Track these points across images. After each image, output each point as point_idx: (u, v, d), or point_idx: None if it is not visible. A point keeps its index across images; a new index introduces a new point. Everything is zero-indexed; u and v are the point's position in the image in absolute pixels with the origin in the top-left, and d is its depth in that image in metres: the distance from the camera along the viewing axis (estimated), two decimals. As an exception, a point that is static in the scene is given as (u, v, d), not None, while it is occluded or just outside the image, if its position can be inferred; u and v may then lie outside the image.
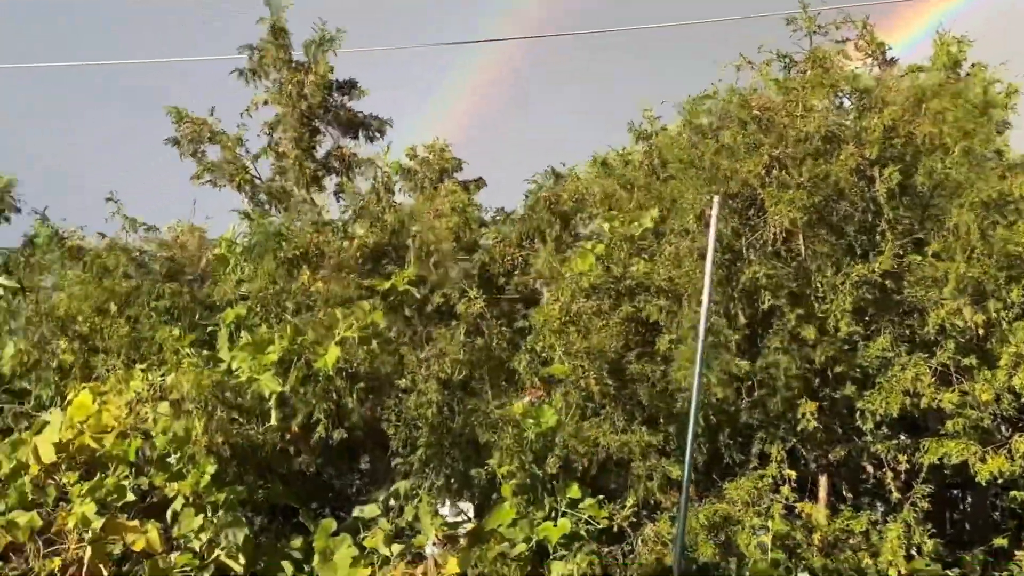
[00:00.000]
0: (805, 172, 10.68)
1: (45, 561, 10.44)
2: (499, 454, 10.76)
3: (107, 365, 12.14)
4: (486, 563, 10.50)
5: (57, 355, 12.48)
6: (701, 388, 9.83)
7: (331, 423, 11.25)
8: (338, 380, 11.17)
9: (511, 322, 12.49)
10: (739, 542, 10.35)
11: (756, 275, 10.57)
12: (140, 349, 12.21)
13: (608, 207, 12.77)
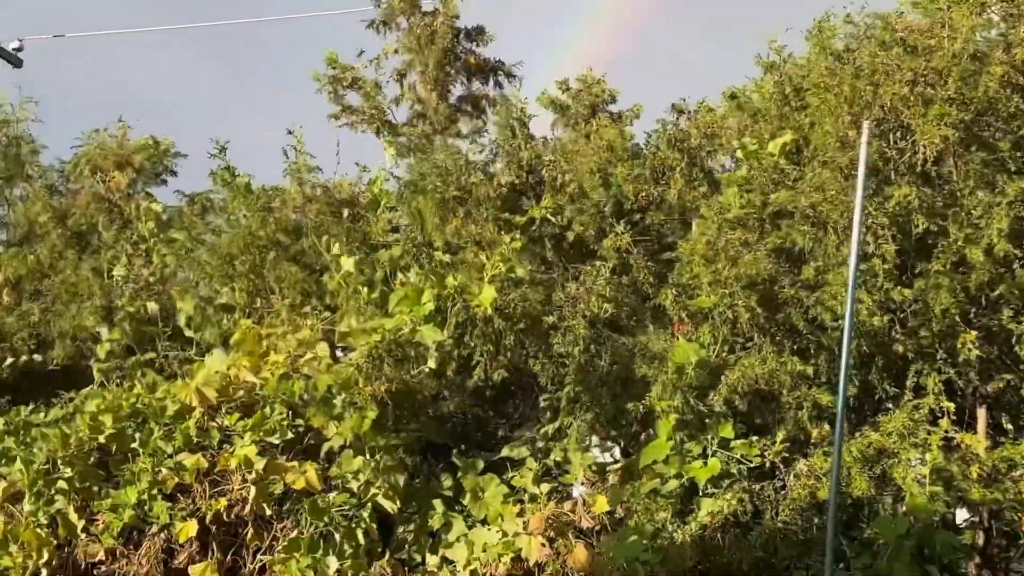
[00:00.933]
0: (951, 86, 10.43)
1: (211, 501, 10.81)
2: (659, 388, 10.74)
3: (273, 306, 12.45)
4: (638, 499, 10.63)
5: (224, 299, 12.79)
6: (854, 316, 9.73)
7: (489, 364, 11.39)
8: (497, 320, 11.25)
9: (653, 257, 12.41)
10: (895, 475, 10.25)
11: (907, 198, 10.38)
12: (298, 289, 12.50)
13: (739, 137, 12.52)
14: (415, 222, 12.91)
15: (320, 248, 12.87)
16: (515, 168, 12.73)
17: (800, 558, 10.28)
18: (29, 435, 11.64)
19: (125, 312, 13.23)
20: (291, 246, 13.15)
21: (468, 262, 11.92)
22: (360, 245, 13.00)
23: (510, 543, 10.66)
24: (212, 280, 13.30)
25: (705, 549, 10.31)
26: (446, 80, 14.38)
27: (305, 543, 10.71)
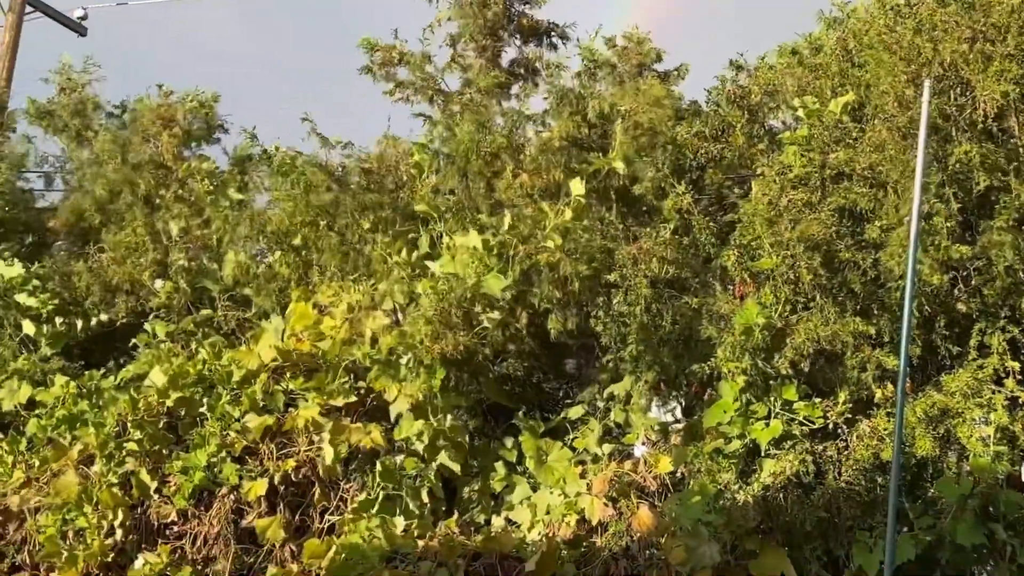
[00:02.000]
0: (1011, 41, 10.42)
1: (279, 462, 11.08)
2: (726, 349, 10.83)
3: (321, 277, 12.60)
4: (702, 460, 10.74)
5: (274, 267, 12.96)
6: (916, 275, 9.78)
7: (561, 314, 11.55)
8: (565, 263, 11.31)
9: (714, 217, 12.45)
10: (959, 434, 10.30)
11: (968, 155, 10.39)
12: (350, 261, 12.57)
13: (801, 95, 12.39)
14: (460, 183, 12.97)
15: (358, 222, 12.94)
16: (578, 120, 12.74)
17: (863, 518, 10.31)
18: (101, 399, 11.90)
19: (179, 266, 13.55)
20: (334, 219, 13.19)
21: (525, 215, 11.99)
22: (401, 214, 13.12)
23: (573, 504, 10.80)
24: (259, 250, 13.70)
25: (768, 510, 10.36)
26: (498, 45, 14.46)
27: (375, 503, 10.92)
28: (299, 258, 12.98)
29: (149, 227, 14.18)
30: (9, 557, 11.30)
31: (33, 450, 11.86)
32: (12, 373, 12.67)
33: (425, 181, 13.14)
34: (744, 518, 10.26)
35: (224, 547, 10.99)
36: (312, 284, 12.67)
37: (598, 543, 10.54)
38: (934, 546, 9.81)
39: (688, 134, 12.95)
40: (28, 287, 13.32)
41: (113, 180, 14.99)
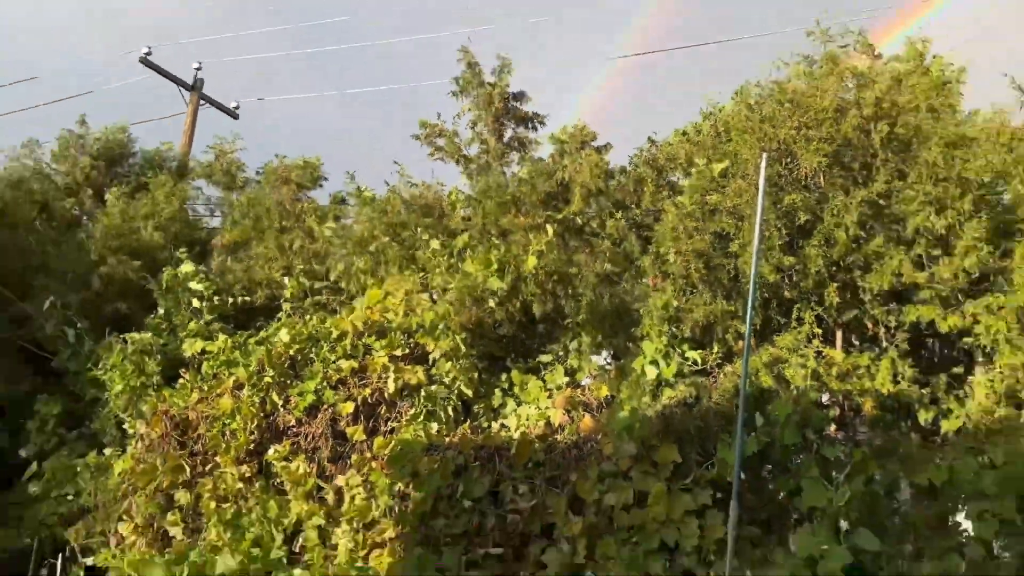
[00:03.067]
0: (824, 131, 10.72)
1: (361, 390, 11.33)
2: (648, 319, 11.10)
3: (387, 271, 12.77)
4: (629, 387, 10.92)
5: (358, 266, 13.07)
6: (758, 275, 10.01)
7: (539, 301, 11.75)
8: (541, 274, 11.60)
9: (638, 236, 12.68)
10: (787, 374, 10.51)
11: (794, 200, 10.76)
12: (406, 261, 12.79)
13: (690, 162, 12.70)
14: (479, 217, 13.04)
15: (416, 236, 13.08)
16: (551, 183, 13.02)
17: (725, 427, 10.35)
18: (247, 349, 12.19)
19: (299, 269, 13.69)
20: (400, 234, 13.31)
21: (518, 242, 12.21)
22: (443, 232, 13.23)
23: (543, 414, 11.05)
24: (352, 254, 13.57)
25: (666, 420, 10.41)
26: (501, 128, 14.48)
27: (418, 415, 11.16)
28: (373, 260, 13.11)
29: (279, 245, 14.32)
30: (189, 447, 11.61)
31: (204, 380, 12.14)
32: (191, 332, 12.93)
33: (457, 213, 13.35)
34: (651, 425, 10.31)
35: (325, 442, 11.17)
36: (382, 277, 12.78)
37: (558, 439, 10.65)
38: (769, 445, 9.84)
39: (616, 188, 13.32)
40: (197, 278, 13.52)
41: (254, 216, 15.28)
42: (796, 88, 11.25)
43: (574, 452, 10.49)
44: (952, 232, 10.05)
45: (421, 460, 10.49)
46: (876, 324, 10.80)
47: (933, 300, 10.23)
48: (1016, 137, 10.32)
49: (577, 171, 12.96)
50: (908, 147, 10.72)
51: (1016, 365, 9.63)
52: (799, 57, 11.66)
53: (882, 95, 10.71)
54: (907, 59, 11.46)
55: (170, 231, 15.54)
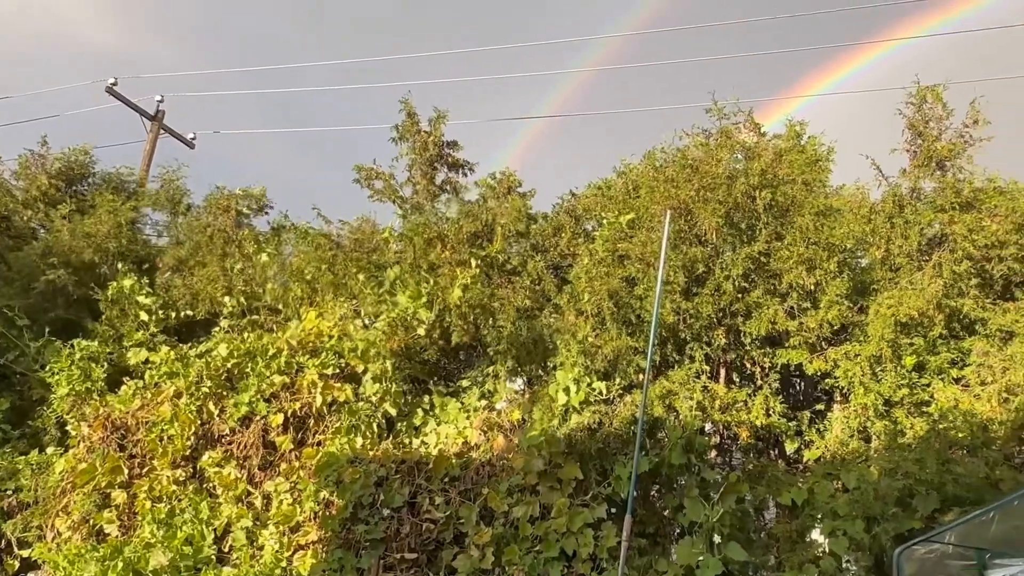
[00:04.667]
0: (718, 195, 11.67)
1: (291, 403, 11.64)
2: (563, 350, 11.61)
3: (322, 298, 13.05)
4: (540, 411, 11.40)
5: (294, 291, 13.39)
6: (659, 316, 10.68)
7: (461, 331, 12.21)
8: (463, 307, 12.07)
9: (555, 276, 13.37)
10: (676, 404, 11.24)
11: (692, 253, 11.61)
12: (339, 290, 13.07)
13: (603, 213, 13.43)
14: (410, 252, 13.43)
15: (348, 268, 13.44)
16: (476, 224, 13.56)
17: (622, 449, 10.95)
18: (188, 361, 12.36)
19: (239, 290, 13.89)
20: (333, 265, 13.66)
21: (444, 275, 12.68)
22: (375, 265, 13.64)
23: (461, 433, 11.55)
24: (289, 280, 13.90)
25: (571, 441, 10.96)
26: (433, 172, 14.99)
27: (344, 429, 11.54)
28: (308, 287, 13.47)
29: (221, 267, 14.55)
30: (128, 450, 11.74)
31: (147, 388, 12.31)
32: (135, 342, 13.09)
33: (391, 248, 13.82)
34: (559, 445, 10.83)
35: (255, 450, 11.50)
36: (317, 302, 13.13)
37: (473, 456, 11.15)
38: (659, 464, 10.47)
39: (538, 231, 14.03)
40: (143, 292, 13.66)
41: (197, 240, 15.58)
42: (695, 156, 12.20)
43: (487, 468, 11.00)
44: (819, 288, 11.08)
45: (345, 470, 10.88)
46: (754, 364, 11.74)
47: (801, 346, 11.24)
48: (873, 210, 11.63)
49: (502, 213, 13.65)
50: (786, 213, 11.73)
51: (867, 405, 10.80)
52: (699, 130, 12.65)
53: (766, 167, 11.73)
54: (787, 138, 12.59)
55: (111, 247, 15.66)
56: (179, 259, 15.20)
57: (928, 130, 11.52)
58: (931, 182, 11.54)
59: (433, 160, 15.10)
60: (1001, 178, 11.36)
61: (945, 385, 10.74)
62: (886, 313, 10.72)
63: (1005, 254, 10.80)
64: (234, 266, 14.41)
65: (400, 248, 13.67)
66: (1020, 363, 10.28)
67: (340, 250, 14.00)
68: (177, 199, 17.17)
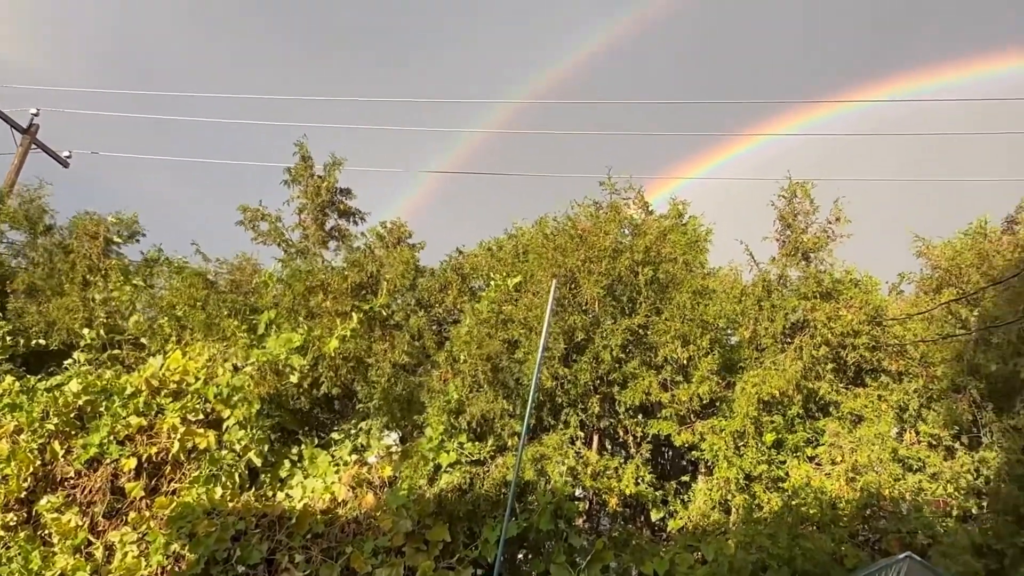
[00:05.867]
0: (604, 267, 12.00)
1: (147, 447, 11.01)
2: (434, 408, 11.51)
3: (192, 337, 12.51)
4: (409, 470, 11.26)
5: (162, 327, 12.79)
6: (539, 381, 10.74)
7: (331, 383, 11.97)
8: (337, 359, 11.86)
9: (437, 333, 13.32)
10: (548, 469, 11.29)
11: (574, 321, 11.85)
12: (211, 330, 12.52)
13: (491, 274, 13.52)
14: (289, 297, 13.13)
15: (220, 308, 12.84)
16: (361, 275, 13.39)
17: (491, 512, 10.97)
18: (35, 395, 11.49)
19: (101, 321, 13.11)
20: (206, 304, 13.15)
21: (323, 325, 12.41)
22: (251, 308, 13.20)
23: (328, 488, 11.16)
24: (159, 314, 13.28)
25: (441, 502, 10.91)
26: (324, 218, 14.70)
27: (202, 478, 10.95)
28: (178, 324, 12.89)
29: (82, 296, 13.75)
30: None
31: None
32: None
33: (270, 291, 13.42)
34: (427, 506, 10.78)
35: (102, 496, 10.73)
36: (185, 341, 12.58)
37: (340, 512, 10.81)
38: (527, 528, 10.50)
39: (424, 286, 13.96)
40: None
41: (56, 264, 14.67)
42: (585, 226, 12.57)
43: (353, 526, 10.73)
44: (692, 363, 11.52)
45: (201, 522, 10.32)
46: (627, 433, 11.99)
47: (672, 417, 11.60)
48: (744, 293, 12.31)
49: (390, 265, 13.54)
50: (665, 289, 12.21)
51: (729, 478, 11.23)
52: (590, 202, 13.11)
53: (650, 245, 12.24)
54: (671, 216, 13.23)
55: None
56: (32, 283, 14.21)
57: (796, 223, 12.36)
58: (797, 271, 12.32)
59: (325, 206, 14.82)
60: (858, 271, 12.30)
61: (800, 463, 11.31)
62: (751, 391, 11.22)
63: (858, 342, 11.57)
64: (96, 296, 13.60)
65: (280, 293, 13.25)
66: (867, 445, 10.99)
67: (215, 289, 13.51)
68: (36, 218, 15.93)
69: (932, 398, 11.48)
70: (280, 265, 13.91)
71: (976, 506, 10.81)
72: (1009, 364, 11.03)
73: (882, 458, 10.77)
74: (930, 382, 11.51)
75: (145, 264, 14.86)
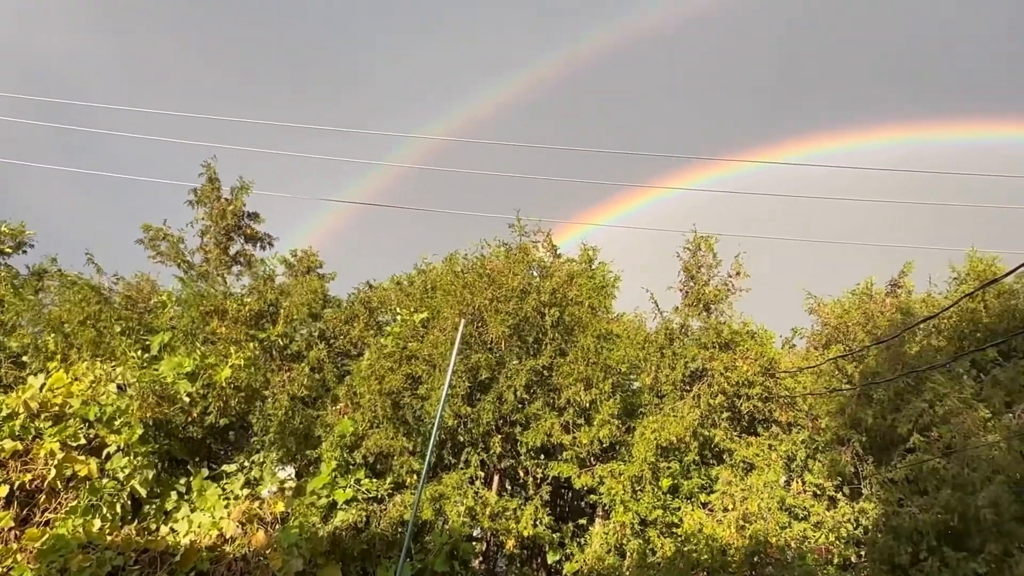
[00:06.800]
0: (511, 306, 12.00)
1: (21, 474, 10.39)
2: (328, 443, 11.35)
3: (79, 356, 11.92)
4: (303, 507, 11.07)
5: (47, 343, 12.14)
6: (441, 419, 10.65)
7: (218, 412, 11.56)
8: (228, 388, 11.48)
9: (340, 366, 13.00)
10: (447, 509, 11.25)
11: (479, 359, 11.81)
12: (100, 349, 12.00)
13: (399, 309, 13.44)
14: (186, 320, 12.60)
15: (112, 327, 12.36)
16: (260, 302, 13.03)
17: (388, 551, 10.94)
18: None
19: None
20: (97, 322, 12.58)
21: (219, 351, 12.01)
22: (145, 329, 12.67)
23: (217, 523, 10.73)
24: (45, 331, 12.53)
25: (335, 541, 10.77)
26: (229, 242, 14.24)
27: (80, 508, 10.37)
28: (65, 341, 12.27)
29: None
30: None
31: None
32: None
33: (166, 313, 12.91)
34: (320, 544, 10.60)
35: None
36: (71, 360, 11.95)
37: (228, 550, 10.43)
38: (423, 570, 10.40)
39: (329, 317, 13.60)
40: None
41: None
42: (494, 266, 12.64)
43: (241, 564, 10.40)
44: (594, 406, 11.64)
45: (75, 556, 9.74)
46: (527, 474, 12.00)
47: (573, 460, 11.65)
48: (648, 340, 12.61)
49: (296, 294, 13.19)
50: (571, 332, 12.34)
51: (625, 523, 11.36)
52: (500, 242, 13.21)
53: (557, 287, 12.38)
54: (579, 261, 13.41)
55: None
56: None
57: (700, 275, 12.80)
58: (698, 321, 12.70)
59: (230, 230, 14.43)
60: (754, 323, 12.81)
61: (694, 509, 11.55)
62: (650, 436, 11.42)
63: (752, 392, 11.98)
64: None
65: (177, 315, 12.74)
66: (757, 494, 11.34)
67: (109, 306, 12.82)
68: None
69: (818, 449, 11.97)
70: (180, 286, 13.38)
71: (855, 555, 11.27)
72: (888, 419, 11.64)
73: (770, 506, 11.12)
74: (816, 433, 12.01)
75: (34, 276, 14.11)
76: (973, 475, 10.45)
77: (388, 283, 14.65)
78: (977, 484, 10.40)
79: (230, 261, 14.42)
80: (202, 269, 14.09)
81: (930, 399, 11.30)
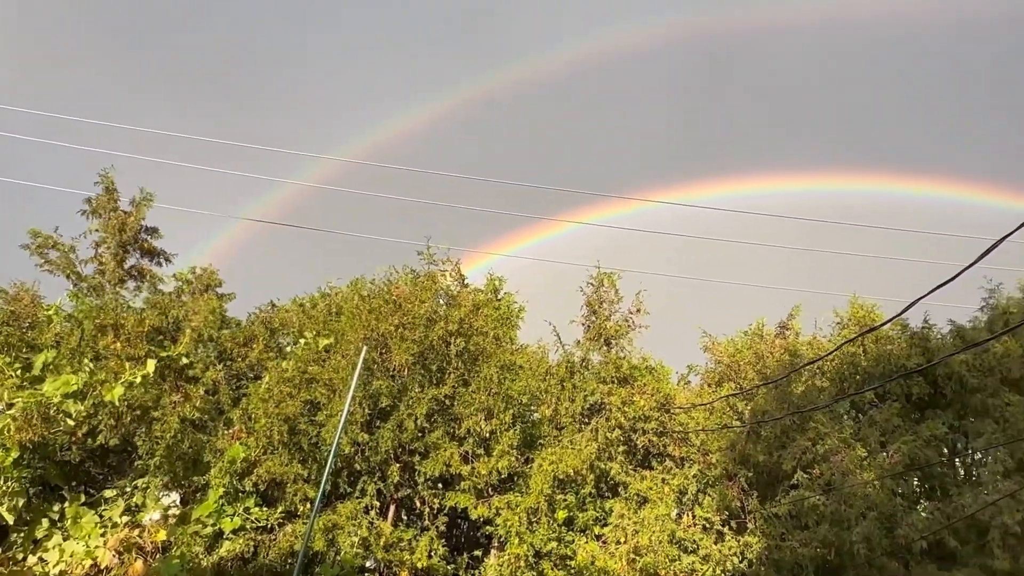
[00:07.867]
0: (417, 334, 11.93)
1: None
2: (217, 469, 10.97)
3: None
4: (186, 536, 10.65)
5: None
6: (338, 446, 10.60)
7: (109, 432, 11.04)
8: (121, 406, 10.98)
9: (236, 388, 12.61)
10: (340, 539, 10.97)
11: (380, 386, 11.66)
12: None
13: (301, 332, 13.30)
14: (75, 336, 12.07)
15: None
16: (160, 318, 12.59)
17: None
18: None
19: None
20: None
21: (111, 368, 11.47)
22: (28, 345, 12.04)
23: (91, 553, 10.20)
24: None
25: (220, 572, 10.38)
26: (125, 255, 13.70)
27: None
28: None
29: None
30: None
31: None
32: None
33: (53, 328, 12.25)
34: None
35: None
36: None
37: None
38: None
39: (228, 338, 13.20)
40: None
41: None
42: (401, 293, 12.51)
43: None
44: (494, 437, 11.62)
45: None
46: (424, 504, 11.79)
47: (470, 490, 11.56)
48: (549, 372, 12.72)
49: (196, 311, 12.76)
50: (475, 362, 12.31)
51: (520, 555, 11.32)
52: (408, 269, 13.10)
53: (464, 316, 12.34)
54: (486, 291, 13.40)
55: None
56: None
57: (602, 310, 13.05)
58: (599, 355, 12.91)
59: (127, 243, 13.90)
60: (652, 358, 13.12)
61: (588, 541, 11.62)
62: (547, 468, 11.45)
63: (648, 427, 12.22)
64: None
65: (65, 330, 12.08)
66: (648, 527, 11.54)
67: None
68: None
69: (708, 483, 12.30)
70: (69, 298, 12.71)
71: (740, 587, 11.59)
72: (774, 456, 12.10)
73: (661, 539, 11.32)
74: (707, 468, 12.35)
75: None
76: (849, 511, 10.95)
77: (291, 305, 14.33)
78: (852, 520, 10.90)
79: (125, 275, 13.89)
80: (94, 281, 13.47)
81: (813, 437, 11.81)
